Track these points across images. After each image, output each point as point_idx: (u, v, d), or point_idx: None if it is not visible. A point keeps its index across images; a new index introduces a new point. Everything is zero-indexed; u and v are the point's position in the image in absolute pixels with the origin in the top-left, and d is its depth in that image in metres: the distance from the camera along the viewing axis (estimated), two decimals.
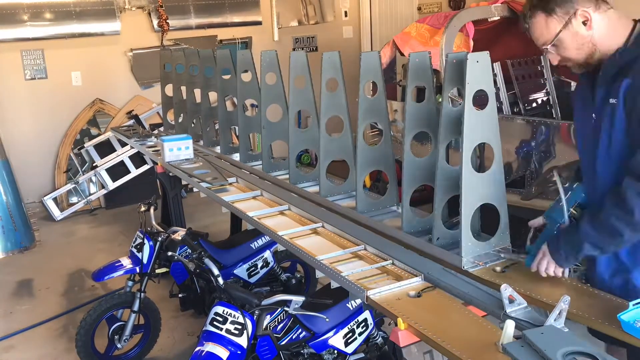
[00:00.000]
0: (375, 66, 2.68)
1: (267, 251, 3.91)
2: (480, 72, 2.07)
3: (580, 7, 1.91)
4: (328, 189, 3.06)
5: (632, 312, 1.75)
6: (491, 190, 2.18)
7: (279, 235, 2.75)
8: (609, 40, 1.93)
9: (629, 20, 1.96)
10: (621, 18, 1.96)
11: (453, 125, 2.23)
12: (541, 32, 1.98)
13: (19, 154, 6.65)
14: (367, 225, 2.74)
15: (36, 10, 6.52)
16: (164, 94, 5.34)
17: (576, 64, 2.01)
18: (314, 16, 8.17)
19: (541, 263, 2.06)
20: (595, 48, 1.94)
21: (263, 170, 3.64)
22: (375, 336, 3.13)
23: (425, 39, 4.77)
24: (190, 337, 3.98)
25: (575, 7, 1.91)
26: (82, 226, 6.47)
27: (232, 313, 2.75)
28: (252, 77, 3.88)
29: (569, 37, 1.94)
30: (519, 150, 4.21)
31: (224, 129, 4.25)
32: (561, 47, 1.97)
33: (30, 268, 5.37)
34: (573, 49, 1.96)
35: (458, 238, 2.19)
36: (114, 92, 7.23)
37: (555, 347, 1.56)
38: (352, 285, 2.22)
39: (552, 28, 1.95)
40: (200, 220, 6.05)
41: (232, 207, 3.28)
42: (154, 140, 5.07)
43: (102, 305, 3.55)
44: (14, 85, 6.77)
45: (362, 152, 2.73)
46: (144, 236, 3.64)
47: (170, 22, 7.16)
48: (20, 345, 4.09)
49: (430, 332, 1.85)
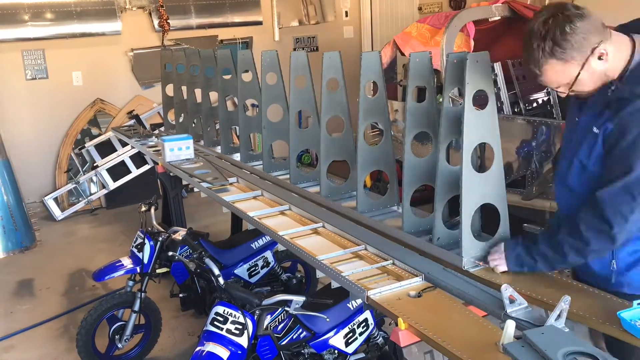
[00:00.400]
0: (375, 66, 2.68)
1: (267, 251, 3.91)
2: (480, 72, 2.07)
3: (595, 42, 1.83)
4: (329, 189, 3.06)
5: (634, 311, 1.75)
6: (491, 190, 2.18)
7: (280, 235, 2.76)
8: (617, 65, 1.90)
9: (625, 38, 1.92)
10: (620, 38, 1.92)
11: (453, 125, 2.23)
12: (557, 78, 1.90)
13: (20, 153, 6.66)
14: (367, 225, 2.75)
15: (37, 10, 6.52)
16: (165, 94, 5.34)
17: (588, 94, 1.97)
18: (315, 16, 8.17)
19: (492, 255, 2.15)
20: (608, 77, 1.90)
21: (264, 170, 3.64)
22: (376, 336, 3.13)
23: (425, 39, 4.77)
24: (191, 337, 3.98)
25: (591, 44, 1.83)
26: (82, 226, 6.47)
27: (233, 313, 2.76)
28: (253, 77, 3.89)
29: (587, 76, 1.88)
30: (519, 150, 4.21)
31: (225, 129, 4.25)
32: (577, 85, 1.91)
33: (31, 268, 5.37)
34: (591, 84, 1.91)
35: (458, 238, 2.19)
36: (114, 92, 7.23)
37: (555, 347, 1.56)
38: (352, 285, 2.22)
39: (570, 72, 1.87)
40: (201, 220, 6.05)
41: (232, 207, 3.28)
42: (154, 140, 5.07)
43: (103, 305, 3.56)
44: (15, 85, 6.78)
45: (363, 152, 2.73)
46: (145, 236, 3.64)
47: (171, 22, 7.16)
48: (20, 345, 4.09)
49: (430, 332, 1.85)
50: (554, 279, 2.10)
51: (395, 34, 5.33)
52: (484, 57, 2.07)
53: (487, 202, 2.20)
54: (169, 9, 7.15)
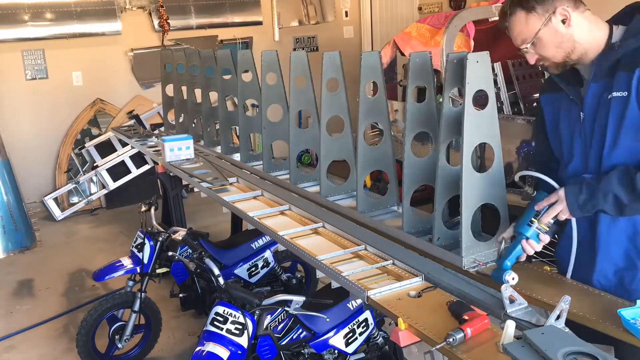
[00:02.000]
0: (375, 66, 2.68)
1: (267, 251, 3.91)
2: (480, 72, 2.07)
3: (560, 5, 1.93)
4: (328, 189, 3.06)
5: (635, 309, 1.75)
6: (491, 190, 2.18)
7: (280, 235, 2.75)
8: (589, 40, 1.95)
9: (605, 24, 1.99)
10: (598, 21, 1.98)
11: (453, 125, 2.23)
12: (520, 30, 1.99)
13: (20, 153, 6.66)
14: (367, 225, 2.74)
15: (37, 10, 6.53)
16: (165, 94, 5.34)
17: (554, 64, 2.01)
18: (315, 16, 8.17)
19: (554, 207, 1.99)
20: (575, 47, 1.95)
21: (264, 170, 3.64)
22: (376, 336, 3.13)
23: (425, 39, 4.77)
24: (191, 337, 3.98)
25: (554, 4, 1.93)
26: (82, 226, 6.47)
27: (233, 313, 2.76)
28: (253, 77, 3.89)
29: (548, 35, 1.95)
30: (519, 150, 4.21)
31: (225, 129, 4.25)
32: (540, 45, 1.98)
33: (31, 268, 5.37)
34: (552, 47, 1.97)
35: (458, 238, 2.19)
36: (114, 92, 7.23)
37: (555, 347, 1.56)
38: (352, 285, 2.22)
39: (532, 25, 1.96)
40: (201, 220, 6.05)
41: (232, 207, 3.28)
42: (154, 140, 5.07)
43: (103, 305, 3.56)
44: (15, 85, 6.78)
45: (363, 152, 2.73)
46: (145, 236, 3.64)
47: (171, 22, 7.17)
48: (20, 345, 4.09)
49: (430, 332, 1.85)
50: (554, 279, 2.10)
51: (395, 34, 5.34)
52: (484, 57, 2.07)
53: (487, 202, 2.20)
54: (169, 9, 7.15)
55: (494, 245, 2.22)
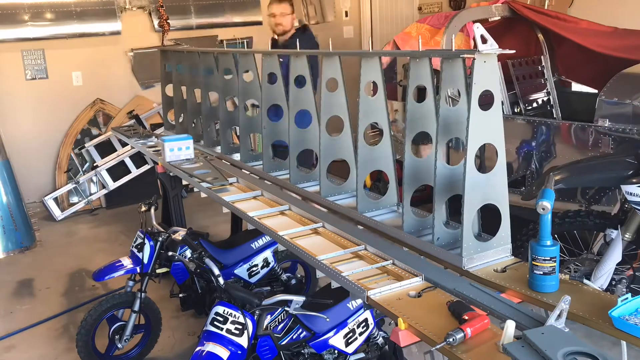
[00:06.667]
0: (375, 66, 2.68)
1: (267, 251, 3.91)
2: (487, 72, 2.07)
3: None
4: (328, 189, 3.06)
5: (621, 308, 1.76)
6: (494, 190, 2.18)
7: (280, 235, 2.75)
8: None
9: None
10: None
11: (450, 125, 2.23)
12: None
13: (20, 153, 6.66)
14: (367, 225, 2.74)
15: (37, 10, 6.53)
16: (165, 94, 5.34)
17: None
18: (315, 16, 8.17)
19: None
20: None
21: (263, 170, 3.64)
22: (376, 336, 3.13)
23: (425, 39, 4.77)
24: (191, 337, 3.98)
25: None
26: (82, 226, 6.47)
27: (233, 313, 2.76)
28: (254, 78, 3.89)
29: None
30: (519, 150, 4.21)
31: (225, 129, 4.25)
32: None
33: (31, 268, 5.37)
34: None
35: (458, 238, 2.19)
36: (114, 92, 7.23)
37: (555, 347, 1.56)
38: (352, 285, 2.22)
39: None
40: (201, 220, 6.05)
41: (232, 207, 3.28)
42: (154, 140, 5.07)
43: (103, 305, 3.55)
44: (15, 85, 6.78)
45: (363, 152, 2.73)
46: (145, 236, 3.64)
47: (171, 22, 7.16)
48: (20, 345, 4.09)
49: (430, 332, 1.85)
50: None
51: (395, 34, 5.34)
52: (491, 58, 2.06)
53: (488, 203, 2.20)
54: (169, 9, 7.15)
55: (494, 245, 2.23)
